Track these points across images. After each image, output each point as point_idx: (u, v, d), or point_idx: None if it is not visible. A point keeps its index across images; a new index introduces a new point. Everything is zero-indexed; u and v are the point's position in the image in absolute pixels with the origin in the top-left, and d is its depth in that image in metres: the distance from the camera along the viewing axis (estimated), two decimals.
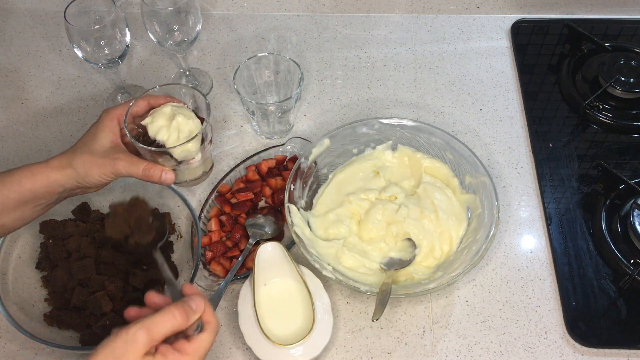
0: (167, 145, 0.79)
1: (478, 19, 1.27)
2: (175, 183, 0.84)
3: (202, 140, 0.82)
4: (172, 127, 0.79)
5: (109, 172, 0.78)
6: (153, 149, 0.78)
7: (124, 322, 0.84)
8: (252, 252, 0.91)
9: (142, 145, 0.78)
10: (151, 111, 0.82)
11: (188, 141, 0.79)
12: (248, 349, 0.83)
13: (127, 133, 0.79)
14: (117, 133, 0.80)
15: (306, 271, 0.87)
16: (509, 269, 0.94)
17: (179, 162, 0.82)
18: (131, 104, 0.81)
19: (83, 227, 0.93)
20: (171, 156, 0.80)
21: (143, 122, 0.80)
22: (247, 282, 0.87)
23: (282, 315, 0.85)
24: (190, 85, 0.84)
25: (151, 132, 0.79)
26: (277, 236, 0.95)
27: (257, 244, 0.92)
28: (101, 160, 0.77)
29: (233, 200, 0.98)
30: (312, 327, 0.81)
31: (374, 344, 0.87)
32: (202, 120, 0.82)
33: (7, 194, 0.75)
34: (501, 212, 0.96)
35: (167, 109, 0.80)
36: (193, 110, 0.83)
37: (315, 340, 0.82)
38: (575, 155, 1.06)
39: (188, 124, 0.80)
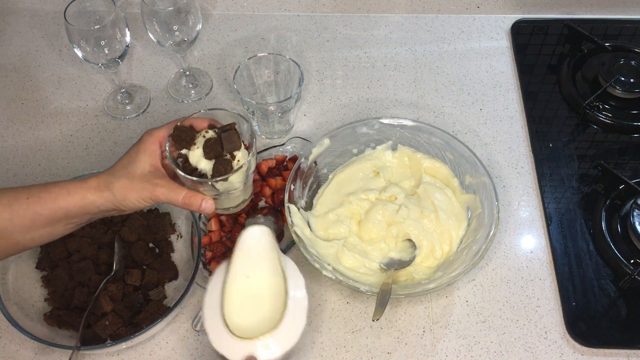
0: (209, 176, 0.74)
1: (478, 19, 1.27)
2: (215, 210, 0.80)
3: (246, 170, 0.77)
4: None
5: (147, 198, 0.75)
6: (195, 179, 0.73)
7: (124, 322, 0.85)
8: None
9: (182, 174, 0.74)
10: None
11: (232, 173, 0.74)
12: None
13: (169, 160, 0.75)
14: (157, 156, 0.76)
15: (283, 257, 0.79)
16: (509, 269, 0.94)
17: (220, 192, 0.77)
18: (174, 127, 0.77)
19: (83, 227, 0.92)
20: (213, 185, 0.75)
21: (183, 152, 0.76)
22: (218, 273, 0.79)
23: (249, 307, 0.77)
24: (235, 112, 0.79)
25: (192, 159, 0.75)
26: (277, 236, 0.95)
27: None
28: (140, 185, 0.74)
29: None
30: (280, 321, 0.72)
31: (374, 344, 0.87)
32: (247, 148, 0.76)
33: (40, 210, 0.73)
34: (501, 212, 0.96)
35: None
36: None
37: (285, 334, 0.73)
38: (575, 155, 1.06)
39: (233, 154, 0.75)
